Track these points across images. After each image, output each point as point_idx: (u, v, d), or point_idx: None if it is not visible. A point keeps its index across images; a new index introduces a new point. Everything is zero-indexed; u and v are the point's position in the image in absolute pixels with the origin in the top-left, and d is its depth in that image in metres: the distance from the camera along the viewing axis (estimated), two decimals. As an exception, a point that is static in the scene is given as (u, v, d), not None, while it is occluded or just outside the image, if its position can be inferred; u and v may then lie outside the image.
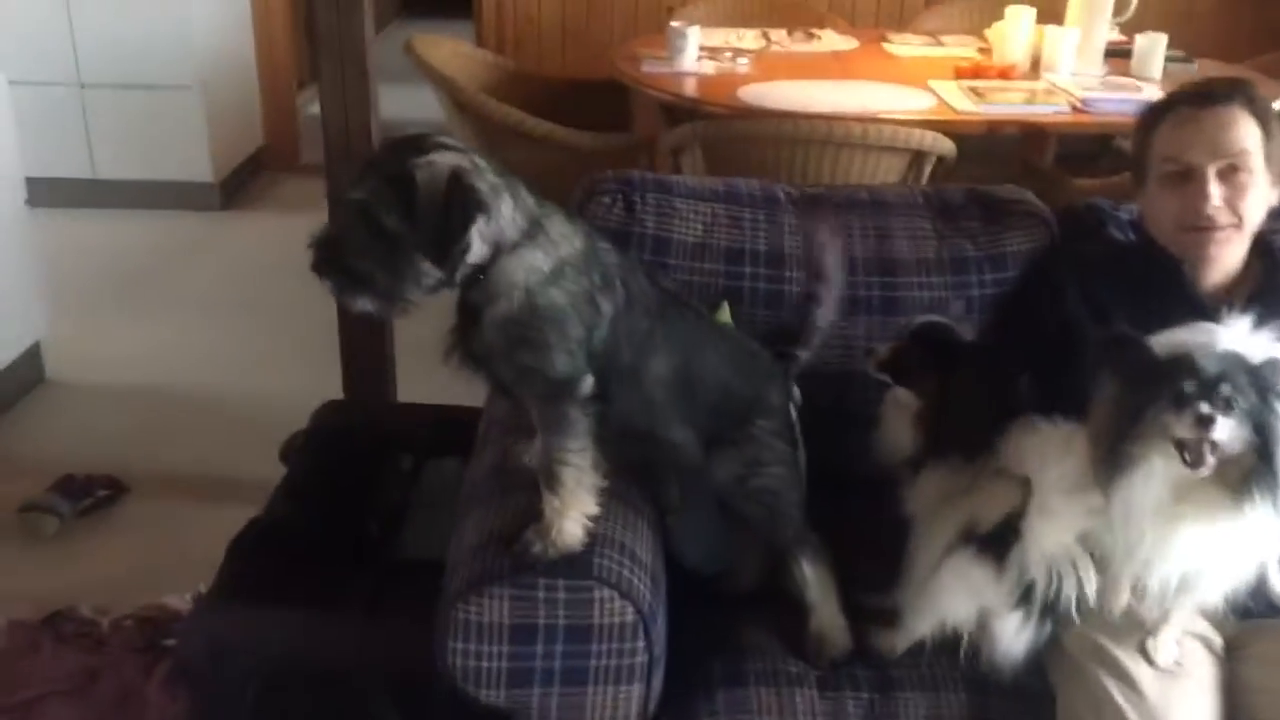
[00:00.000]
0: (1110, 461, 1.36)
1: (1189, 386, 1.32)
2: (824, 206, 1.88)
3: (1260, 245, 1.70)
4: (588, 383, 1.40)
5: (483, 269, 1.36)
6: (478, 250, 1.34)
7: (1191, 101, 1.67)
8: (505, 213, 1.35)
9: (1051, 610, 1.41)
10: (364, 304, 1.36)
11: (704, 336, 1.54)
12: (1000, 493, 1.42)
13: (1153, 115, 1.72)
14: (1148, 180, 1.72)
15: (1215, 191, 1.63)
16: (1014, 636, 1.44)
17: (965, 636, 1.47)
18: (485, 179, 1.34)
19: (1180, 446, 1.33)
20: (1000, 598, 1.41)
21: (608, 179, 1.90)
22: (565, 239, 1.40)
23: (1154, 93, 3.23)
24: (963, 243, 1.93)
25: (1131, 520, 1.36)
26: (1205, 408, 1.31)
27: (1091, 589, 1.40)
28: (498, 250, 1.36)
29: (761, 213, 1.90)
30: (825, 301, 1.62)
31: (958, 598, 1.43)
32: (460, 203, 1.30)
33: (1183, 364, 1.34)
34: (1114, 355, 1.41)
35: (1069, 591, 1.39)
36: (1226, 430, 1.31)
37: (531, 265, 1.37)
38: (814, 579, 1.56)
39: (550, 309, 1.37)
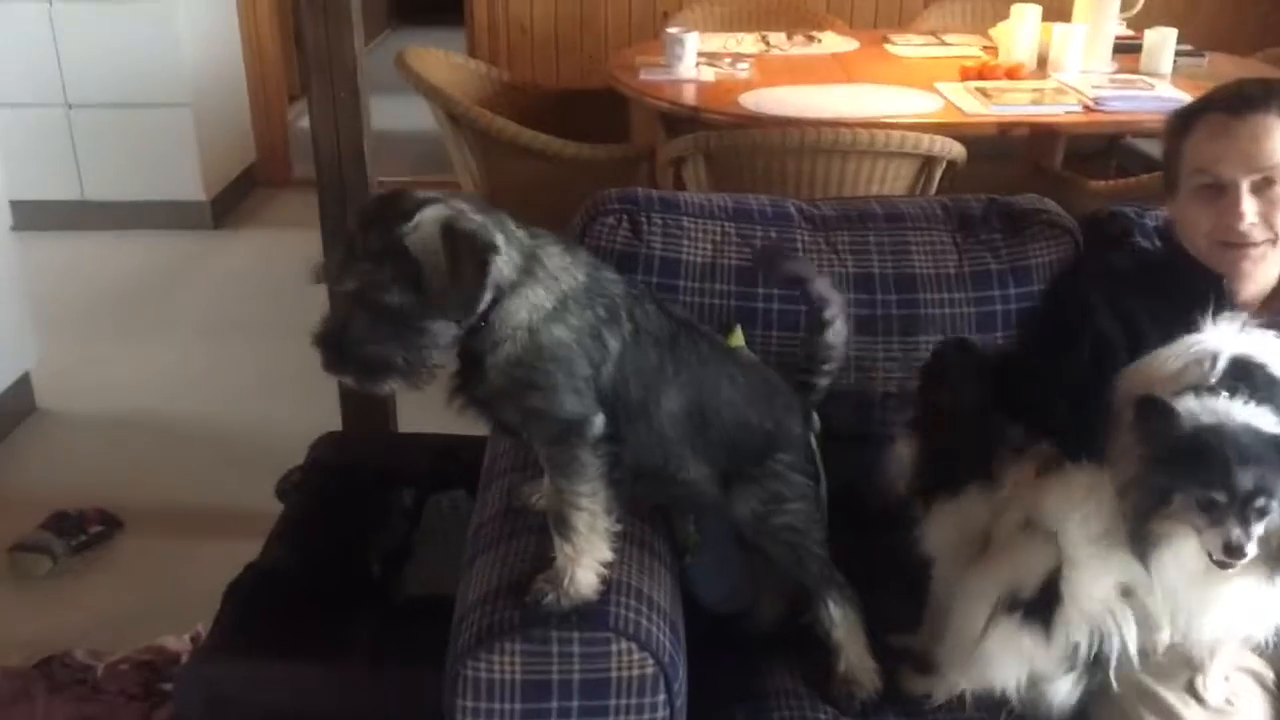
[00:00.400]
0: (1138, 537, 1.28)
1: (1219, 497, 1.23)
2: (776, 249, 1.79)
3: None
4: (598, 422, 1.33)
5: (484, 314, 1.29)
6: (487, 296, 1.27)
7: (1224, 108, 1.59)
8: (501, 251, 1.28)
9: (1097, 664, 1.33)
10: (389, 386, 1.30)
11: (718, 368, 1.45)
12: (1036, 552, 1.34)
13: (1184, 121, 1.65)
14: (1179, 189, 1.65)
15: (1249, 208, 1.56)
16: (1065, 697, 1.36)
17: (1014, 698, 1.39)
18: (474, 219, 1.27)
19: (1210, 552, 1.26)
20: (1051, 663, 1.33)
21: (611, 199, 1.82)
22: (565, 271, 1.32)
23: (1165, 89, 3.16)
24: (984, 256, 1.85)
25: (1165, 593, 1.29)
26: (1236, 534, 1.22)
27: (1133, 641, 1.32)
28: (499, 293, 1.28)
29: (773, 230, 1.82)
30: (835, 321, 1.53)
31: (1008, 666, 1.35)
32: (467, 251, 1.24)
33: (1214, 459, 1.24)
34: (1142, 420, 1.31)
35: (1113, 645, 1.31)
36: (1258, 538, 1.23)
37: (534, 304, 1.29)
38: (840, 619, 1.49)
39: (555, 347, 1.30)
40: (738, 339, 1.75)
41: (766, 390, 1.51)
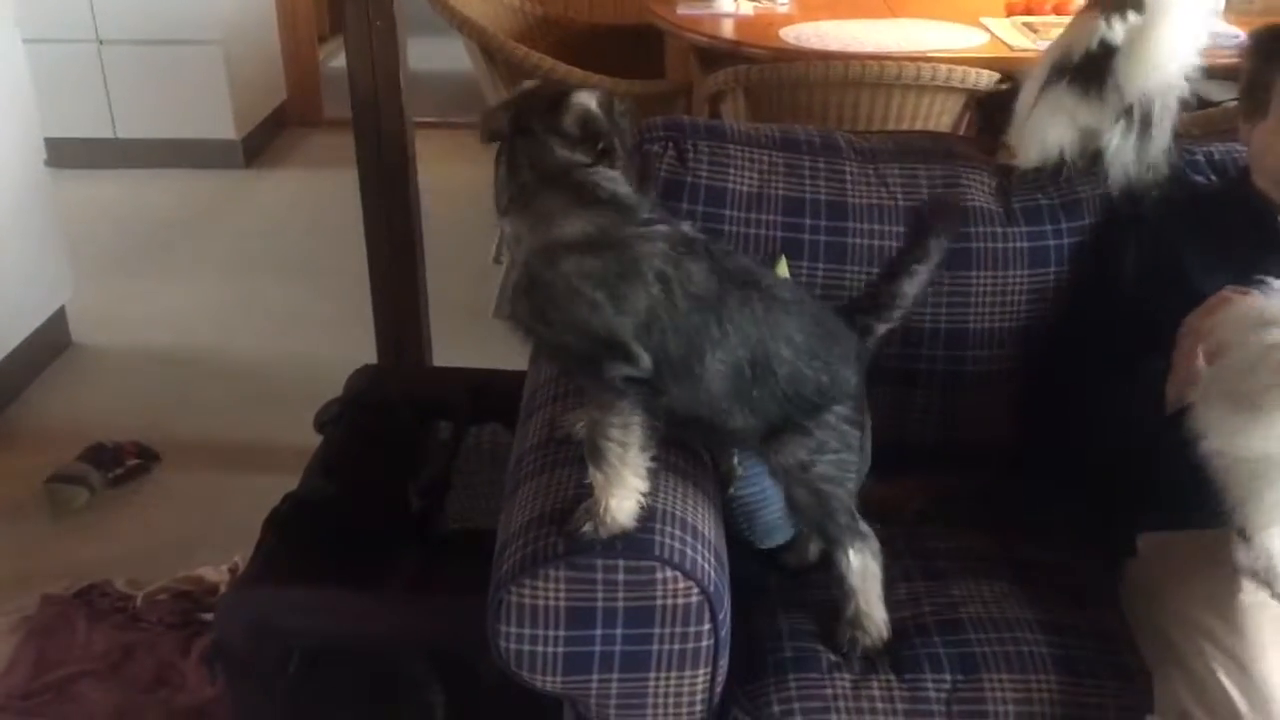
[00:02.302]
0: None
1: None
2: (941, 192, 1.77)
3: None
4: (621, 367, 1.30)
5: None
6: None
7: None
8: (500, 173, 1.30)
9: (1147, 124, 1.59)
10: None
11: (774, 326, 1.38)
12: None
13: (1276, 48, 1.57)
14: (1269, 115, 1.57)
15: None
16: (1119, 145, 1.64)
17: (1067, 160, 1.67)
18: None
19: None
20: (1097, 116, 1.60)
21: (656, 126, 1.78)
22: (559, 217, 1.30)
23: (1217, 24, 3.06)
24: (1033, 192, 1.80)
25: None
26: None
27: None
28: (501, 209, 1.32)
29: (822, 161, 1.77)
30: (920, 274, 1.49)
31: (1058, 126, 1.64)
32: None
33: None
34: None
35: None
36: None
37: (517, 235, 1.31)
38: (859, 567, 1.44)
39: (546, 287, 1.29)
40: (782, 270, 1.71)
41: (826, 341, 1.45)
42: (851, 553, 1.44)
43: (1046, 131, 1.73)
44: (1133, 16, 1.67)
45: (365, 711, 1.71)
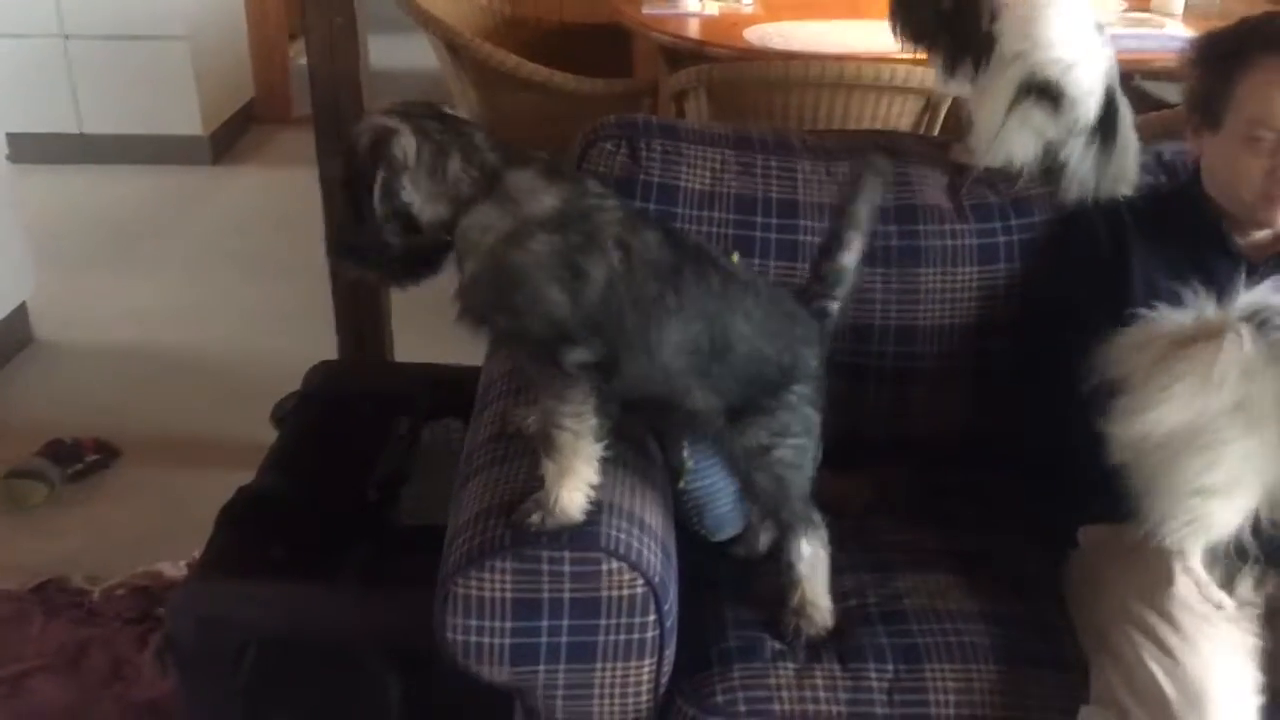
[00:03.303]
0: None
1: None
2: (867, 150, 1.77)
3: None
4: (578, 351, 1.31)
5: (449, 229, 1.30)
6: (429, 210, 1.30)
7: None
8: (453, 168, 1.29)
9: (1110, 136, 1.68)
10: (363, 275, 1.39)
11: (732, 300, 1.40)
12: None
13: (1235, 57, 1.56)
14: (1222, 128, 1.58)
15: None
16: (1081, 156, 1.71)
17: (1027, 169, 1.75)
18: (424, 134, 1.29)
19: None
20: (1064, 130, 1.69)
21: (610, 124, 1.79)
22: (529, 195, 1.30)
23: (1176, 28, 3.11)
24: (983, 190, 1.82)
25: None
26: None
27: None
28: (455, 209, 1.30)
29: (774, 159, 1.79)
30: (855, 242, 1.50)
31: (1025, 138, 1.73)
32: (370, 159, 1.28)
33: None
34: None
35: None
36: None
37: (486, 224, 1.30)
38: (809, 556, 1.46)
39: (513, 271, 1.29)
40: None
41: (786, 323, 1.46)
42: (803, 541, 1.46)
43: (1014, 144, 1.76)
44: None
45: (320, 704, 1.72)
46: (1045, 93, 1.73)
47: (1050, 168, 1.77)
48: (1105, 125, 1.74)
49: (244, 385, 2.91)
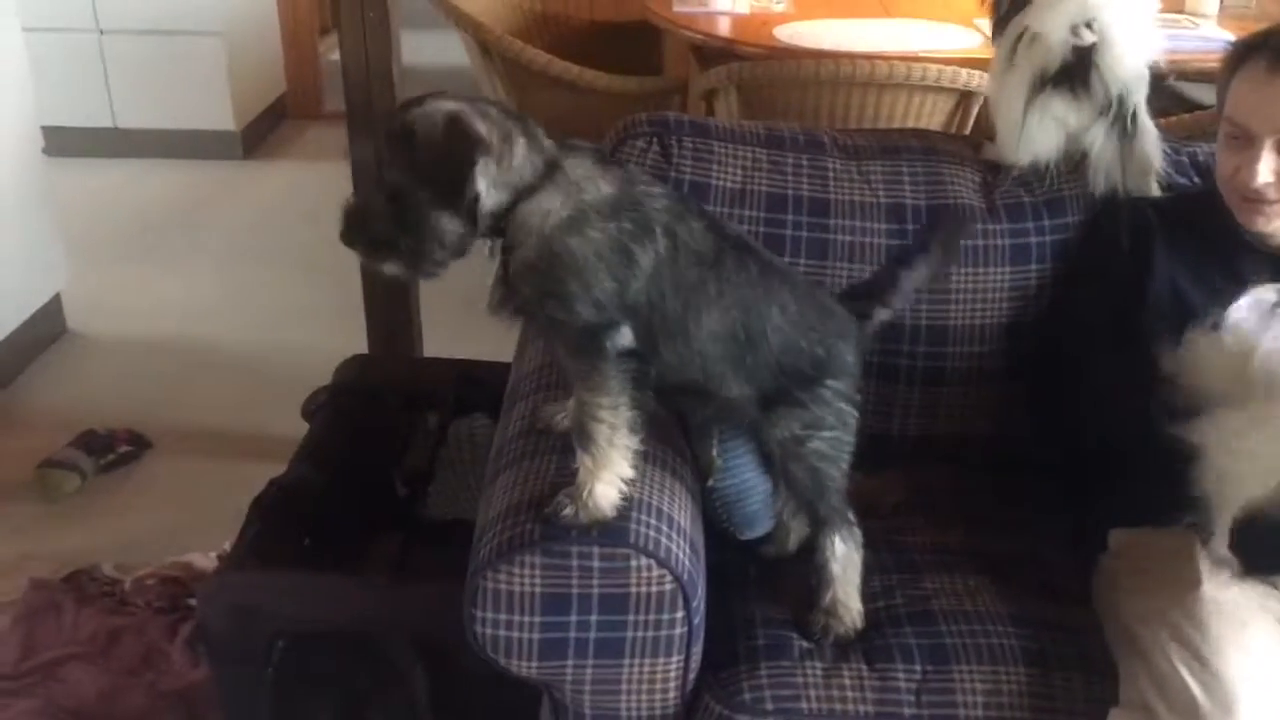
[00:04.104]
0: None
1: None
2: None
3: None
4: (620, 337, 1.31)
5: (503, 217, 1.28)
6: (493, 197, 1.27)
7: (1269, 58, 1.51)
8: (518, 155, 1.27)
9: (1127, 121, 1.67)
10: (391, 268, 1.31)
11: (769, 290, 1.41)
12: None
13: (1234, 58, 1.59)
14: (1220, 125, 1.60)
15: (1266, 167, 1.52)
16: (1103, 145, 1.70)
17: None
18: (490, 120, 1.27)
19: None
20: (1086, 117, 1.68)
21: (641, 122, 1.79)
22: (589, 181, 1.31)
23: (1210, 29, 3.08)
24: (1016, 190, 1.81)
25: None
26: None
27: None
28: (515, 196, 1.28)
29: (805, 158, 1.79)
30: (919, 269, 1.52)
31: (1047, 132, 1.72)
32: (459, 146, 1.24)
33: None
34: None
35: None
36: None
37: (547, 209, 1.28)
38: (842, 555, 1.47)
39: (570, 257, 1.28)
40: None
41: (821, 315, 1.47)
42: (837, 539, 1.47)
43: (1037, 138, 1.76)
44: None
45: (349, 695, 1.73)
46: (1063, 78, 1.71)
47: (1075, 160, 1.76)
48: (1123, 111, 1.73)
49: (275, 379, 2.93)
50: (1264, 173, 1.52)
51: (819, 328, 1.45)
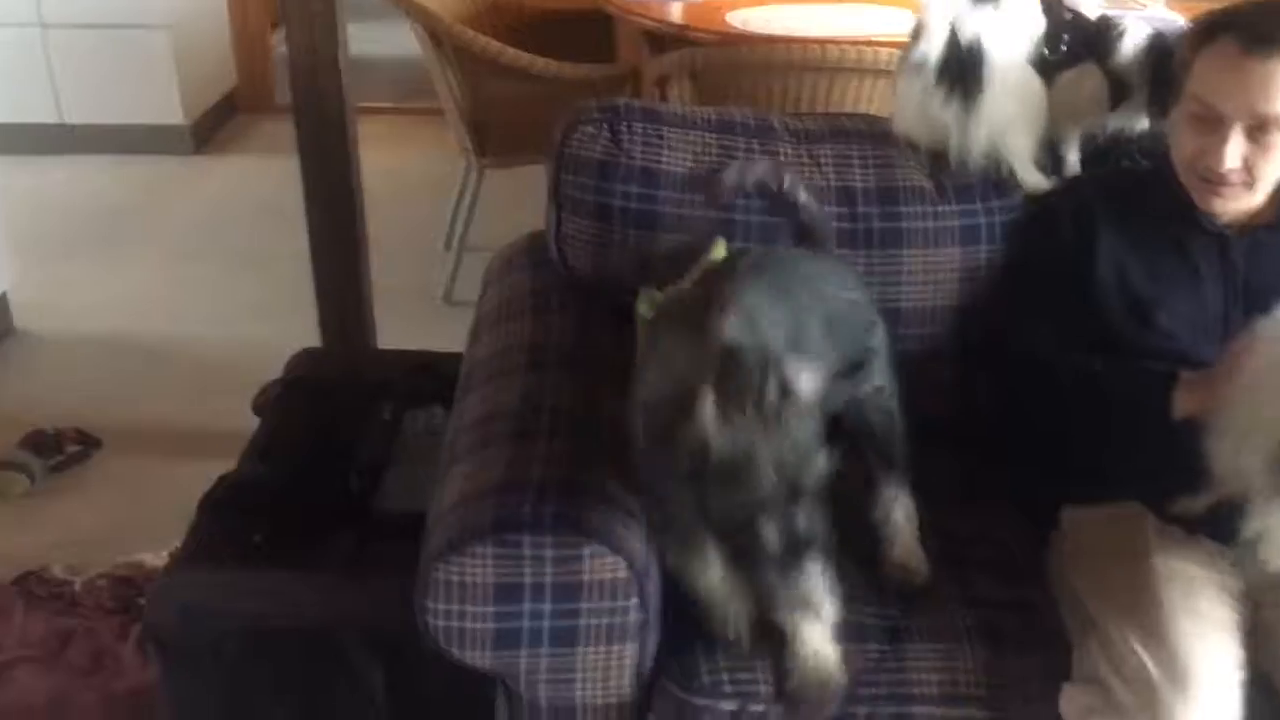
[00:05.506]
0: None
1: None
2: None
3: None
4: None
5: None
6: None
7: (1242, 39, 1.48)
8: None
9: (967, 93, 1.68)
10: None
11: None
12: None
13: (1200, 37, 1.55)
14: (1181, 103, 1.58)
15: (1235, 151, 1.49)
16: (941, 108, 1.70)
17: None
18: None
19: None
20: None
21: (591, 109, 1.78)
22: None
23: (1159, 10, 3.10)
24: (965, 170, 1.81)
25: None
26: None
27: None
28: None
29: (756, 142, 1.78)
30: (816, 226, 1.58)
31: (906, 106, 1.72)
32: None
33: None
34: None
35: None
36: None
37: None
38: (907, 507, 1.54)
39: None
40: (720, 251, 1.72)
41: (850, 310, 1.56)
42: (902, 493, 1.54)
43: (907, 118, 1.79)
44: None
45: (303, 692, 1.71)
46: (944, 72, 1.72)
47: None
48: (961, 74, 1.71)
49: (225, 374, 2.89)
50: (1232, 156, 1.49)
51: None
